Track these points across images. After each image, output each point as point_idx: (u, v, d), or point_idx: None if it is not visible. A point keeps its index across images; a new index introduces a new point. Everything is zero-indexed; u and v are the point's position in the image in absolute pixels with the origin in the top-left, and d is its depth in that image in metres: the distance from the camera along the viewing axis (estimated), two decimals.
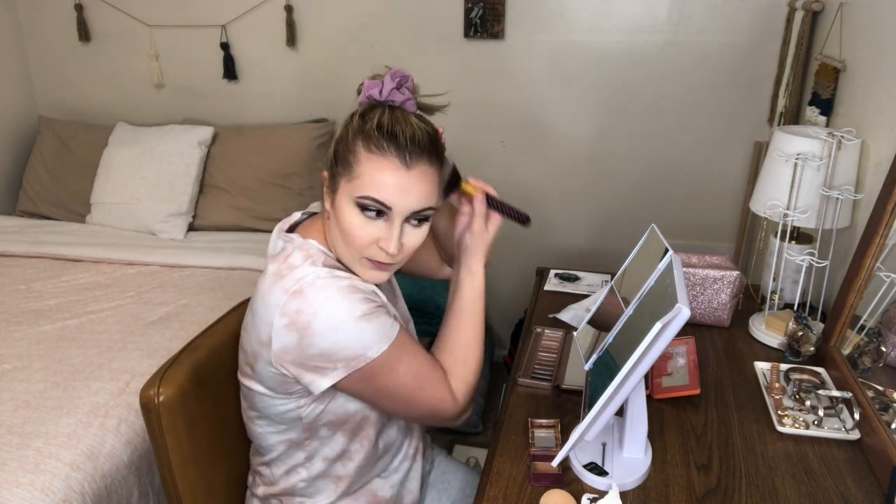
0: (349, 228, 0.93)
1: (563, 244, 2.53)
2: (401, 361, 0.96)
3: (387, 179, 0.91)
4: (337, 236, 0.96)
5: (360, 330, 0.91)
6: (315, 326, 0.90)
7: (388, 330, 0.94)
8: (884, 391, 1.11)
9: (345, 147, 0.93)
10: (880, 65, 1.44)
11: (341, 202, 0.93)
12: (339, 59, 2.46)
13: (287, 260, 0.96)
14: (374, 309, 0.93)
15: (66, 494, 1.25)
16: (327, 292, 0.91)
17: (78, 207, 2.49)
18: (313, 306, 0.90)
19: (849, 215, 1.39)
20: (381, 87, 0.94)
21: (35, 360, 1.61)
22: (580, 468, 1.01)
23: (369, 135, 0.91)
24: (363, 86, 0.95)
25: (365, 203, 0.91)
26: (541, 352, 1.36)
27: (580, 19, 2.25)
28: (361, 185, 0.91)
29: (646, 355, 0.87)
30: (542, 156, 2.43)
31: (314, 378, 0.93)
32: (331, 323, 0.90)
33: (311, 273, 0.93)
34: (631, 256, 1.15)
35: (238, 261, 2.13)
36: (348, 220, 0.93)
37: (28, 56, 2.74)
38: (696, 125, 2.28)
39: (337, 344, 0.90)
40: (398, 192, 0.91)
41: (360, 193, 0.91)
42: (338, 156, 0.95)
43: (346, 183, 0.93)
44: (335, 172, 0.95)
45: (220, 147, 2.47)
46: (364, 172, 0.91)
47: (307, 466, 1.06)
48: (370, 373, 0.93)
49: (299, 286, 0.91)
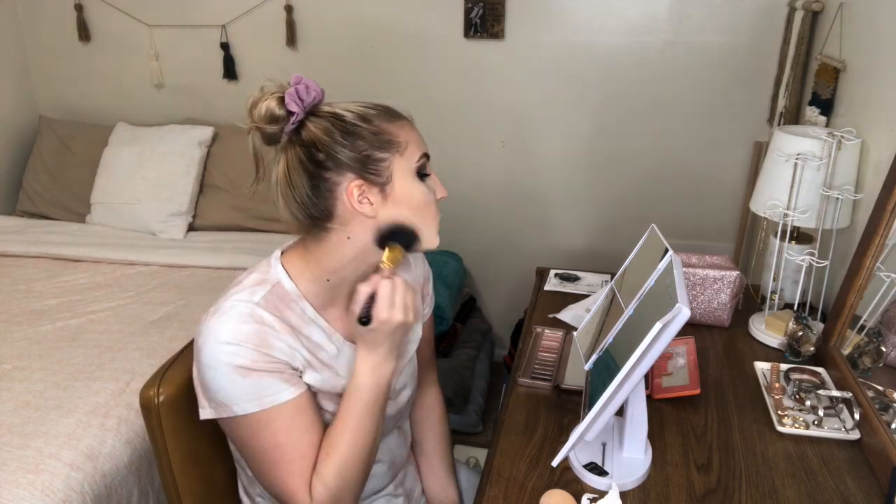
0: (425, 199, 0.92)
1: (563, 244, 2.53)
2: (264, 430, 0.89)
3: (416, 134, 0.93)
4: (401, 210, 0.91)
5: (231, 382, 0.87)
6: (201, 357, 0.88)
7: (266, 395, 0.88)
8: (884, 391, 1.11)
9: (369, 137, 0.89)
10: (880, 65, 1.44)
11: (404, 185, 0.90)
12: (339, 59, 2.47)
13: (242, 279, 0.95)
14: (260, 366, 0.87)
15: (66, 494, 1.25)
16: (225, 327, 0.87)
17: (78, 207, 2.49)
18: (207, 336, 0.88)
19: (849, 215, 1.39)
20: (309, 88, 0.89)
21: (35, 360, 1.61)
22: (580, 468, 1.01)
23: (373, 114, 0.91)
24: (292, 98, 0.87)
25: (422, 164, 0.92)
26: (541, 352, 1.36)
27: (580, 19, 2.25)
28: (412, 151, 0.91)
29: (646, 355, 0.87)
30: (541, 156, 2.43)
31: (200, 405, 0.92)
32: (210, 361, 0.87)
33: (236, 301, 0.90)
34: (631, 256, 1.15)
35: (238, 261, 2.13)
36: (416, 193, 0.91)
37: (28, 56, 2.74)
38: (696, 125, 2.28)
39: (211, 383, 0.88)
40: (422, 141, 0.94)
41: (415, 158, 0.91)
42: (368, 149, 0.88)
43: (400, 160, 0.90)
44: (376, 165, 0.89)
45: (220, 147, 2.47)
46: (407, 139, 0.91)
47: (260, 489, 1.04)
48: (235, 425, 0.91)
49: (217, 307, 0.90)
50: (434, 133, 2.63)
